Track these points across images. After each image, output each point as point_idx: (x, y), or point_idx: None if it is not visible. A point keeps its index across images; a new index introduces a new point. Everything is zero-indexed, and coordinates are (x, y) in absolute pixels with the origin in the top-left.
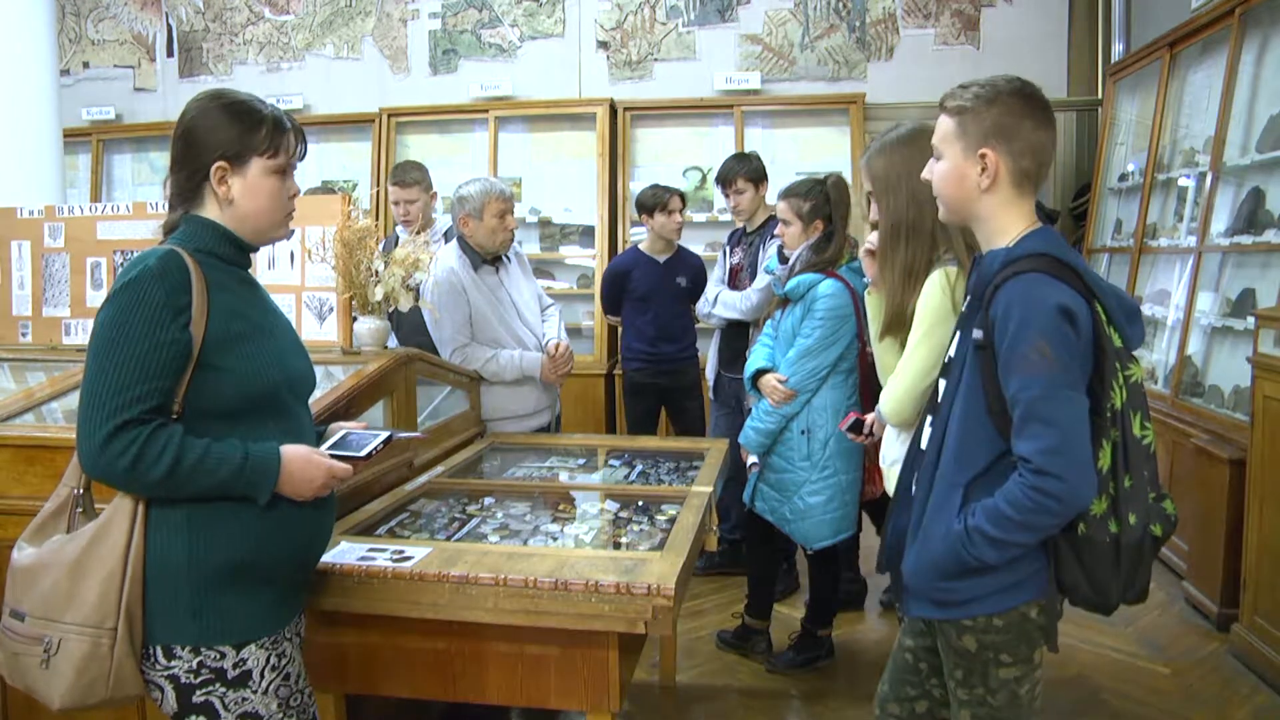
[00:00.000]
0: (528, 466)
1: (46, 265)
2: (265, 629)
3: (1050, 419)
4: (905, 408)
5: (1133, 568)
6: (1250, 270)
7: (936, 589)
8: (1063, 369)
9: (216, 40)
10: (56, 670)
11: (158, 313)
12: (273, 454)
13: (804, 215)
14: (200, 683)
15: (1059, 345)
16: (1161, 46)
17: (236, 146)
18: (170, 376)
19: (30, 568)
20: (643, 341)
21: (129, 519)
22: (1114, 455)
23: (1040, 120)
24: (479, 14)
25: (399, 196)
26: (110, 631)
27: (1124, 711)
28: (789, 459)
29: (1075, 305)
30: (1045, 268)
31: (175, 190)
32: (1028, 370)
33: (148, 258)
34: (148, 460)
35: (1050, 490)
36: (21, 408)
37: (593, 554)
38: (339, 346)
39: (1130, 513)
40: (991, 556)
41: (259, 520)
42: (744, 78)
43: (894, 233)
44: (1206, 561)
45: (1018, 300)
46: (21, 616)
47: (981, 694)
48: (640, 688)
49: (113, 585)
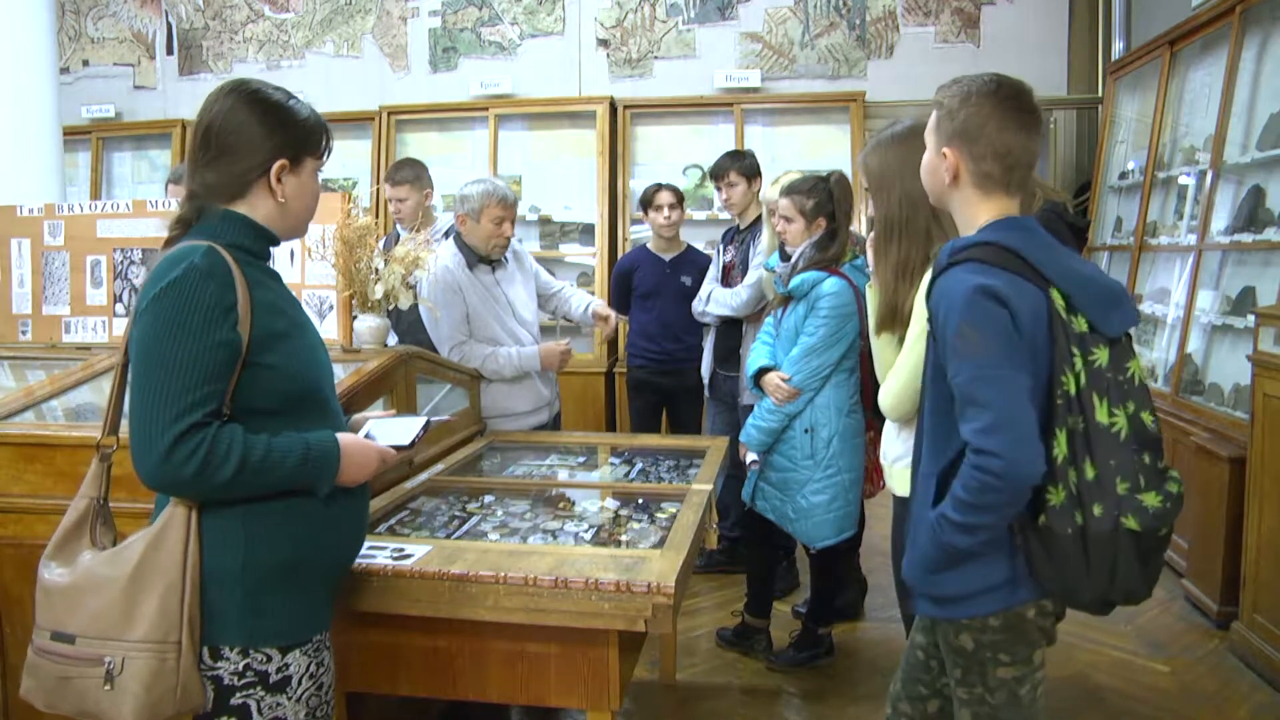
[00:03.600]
0: (527, 464)
1: (46, 263)
2: (312, 628)
3: (981, 400)
4: (903, 403)
5: (1106, 563)
6: (1250, 268)
7: (928, 583)
8: (988, 349)
9: (216, 38)
10: (124, 689)
11: (211, 312)
12: (332, 442)
13: (807, 213)
14: (243, 685)
15: (982, 325)
16: (1162, 44)
17: (297, 146)
18: (226, 378)
19: (72, 587)
20: (646, 339)
21: (184, 527)
22: (1071, 443)
23: (1009, 123)
24: (479, 12)
25: (391, 195)
26: (175, 645)
27: (1123, 709)
28: (792, 458)
29: (1008, 288)
30: (982, 256)
31: (211, 185)
32: (957, 355)
33: (190, 255)
34: (215, 462)
35: (990, 468)
36: (21, 406)
37: (592, 552)
38: (339, 344)
39: (1094, 503)
40: (961, 541)
41: (310, 519)
42: (744, 76)
43: (887, 229)
44: (1206, 559)
45: (944, 289)
46: (71, 639)
47: (980, 693)
48: (640, 686)
49: (173, 598)
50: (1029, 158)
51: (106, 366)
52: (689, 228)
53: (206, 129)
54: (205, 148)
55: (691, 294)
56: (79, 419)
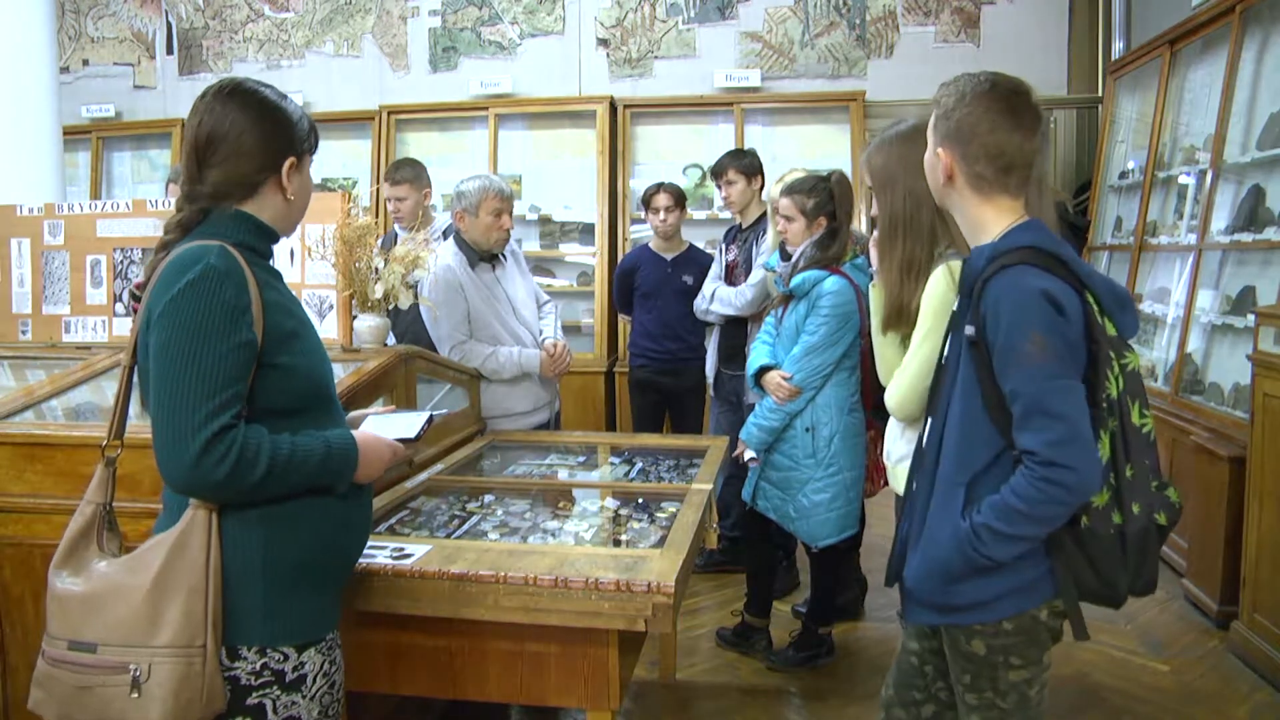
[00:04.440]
0: (527, 464)
1: (46, 263)
2: (326, 626)
3: (1054, 411)
4: (910, 403)
5: (1140, 558)
6: (1250, 268)
7: (943, 593)
8: (1058, 359)
9: (216, 37)
10: (151, 696)
11: (232, 313)
12: (350, 439)
13: (808, 212)
14: (260, 685)
15: (1052, 334)
16: (1162, 44)
17: (300, 143)
18: (247, 379)
19: (92, 595)
20: (647, 338)
21: (205, 531)
22: (1113, 445)
23: (1002, 123)
24: (479, 11)
25: (389, 194)
26: (201, 649)
27: (1123, 709)
28: (793, 456)
29: (1062, 294)
30: (1031, 259)
31: (221, 187)
32: (1025, 363)
33: (205, 255)
34: (245, 464)
35: (1062, 481)
36: (21, 405)
37: (593, 551)
38: (339, 344)
39: (1134, 502)
40: (1000, 553)
41: (327, 516)
42: (744, 75)
43: (891, 228)
44: (1206, 559)
45: (1006, 293)
46: (92, 648)
47: (991, 698)
48: (640, 685)
49: (198, 601)
50: (1025, 158)
51: (106, 366)
52: (689, 227)
53: (211, 132)
54: (211, 151)
55: (693, 293)
56: (79, 418)
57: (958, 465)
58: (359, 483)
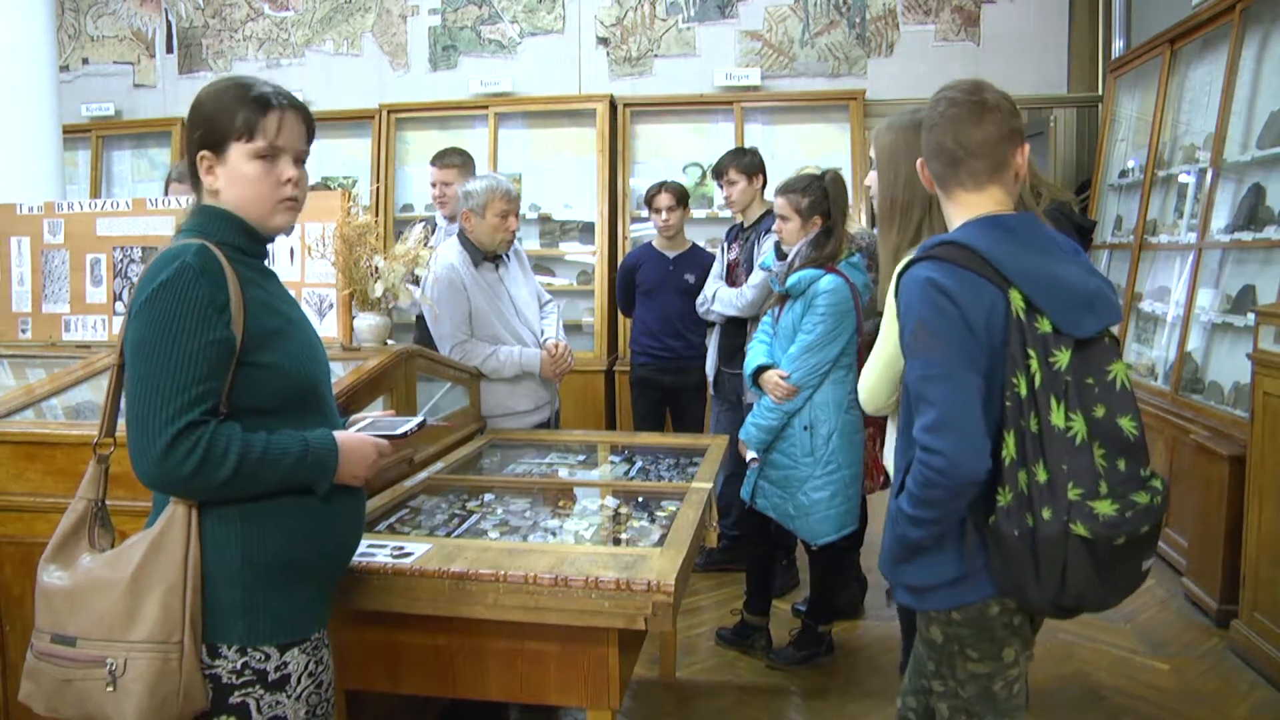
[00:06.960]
0: (527, 463)
1: (46, 261)
2: (310, 626)
3: (929, 397)
4: (877, 395)
5: (1055, 568)
6: (1250, 267)
7: (895, 572)
8: (942, 347)
9: (216, 36)
10: (127, 691)
11: (205, 310)
12: (330, 439)
13: (802, 211)
14: (241, 684)
15: (934, 319)
16: (1162, 43)
17: (215, 135)
18: (221, 376)
19: (75, 589)
20: (649, 335)
21: (184, 527)
22: (1021, 445)
23: (940, 120)
24: (479, 10)
25: (435, 177)
26: (177, 645)
27: (1123, 708)
28: (792, 455)
29: (957, 285)
30: (941, 254)
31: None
32: (911, 352)
33: (183, 253)
34: (213, 461)
35: (931, 464)
36: (21, 404)
37: (592, 550)
38: (339, 343)
39: (1044, 507)
40: (912, 533)
41: (309, 516)
42: (744, 74)
43: (889, 209)
44: (1206, 558)
45: (904, 287)
46: (72, 641)
47: (953, 686)
48: (640, 684)
49: (175, 598)
50: (969, 149)
51: (106, 365)
52: (689, 225)
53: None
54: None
55: (695, 291)
56: (79, 417)
57: (901, 450)
58: (345, 484)
